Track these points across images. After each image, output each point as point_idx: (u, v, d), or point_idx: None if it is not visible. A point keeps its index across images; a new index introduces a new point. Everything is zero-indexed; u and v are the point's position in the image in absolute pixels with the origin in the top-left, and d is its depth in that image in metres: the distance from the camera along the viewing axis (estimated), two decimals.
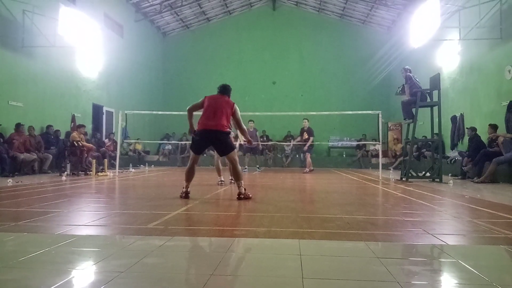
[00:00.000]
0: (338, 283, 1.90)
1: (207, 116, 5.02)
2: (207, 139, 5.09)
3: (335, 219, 3.63)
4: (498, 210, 4.19)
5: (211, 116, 5.00)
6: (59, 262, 2.16)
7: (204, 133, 5.03)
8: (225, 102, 5.15)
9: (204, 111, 5.08)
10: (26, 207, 4.14)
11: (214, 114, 5.00)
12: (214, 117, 4.99)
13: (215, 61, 19.75)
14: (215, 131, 4.98)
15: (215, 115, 5.00)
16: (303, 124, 12.37)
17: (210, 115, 5.01)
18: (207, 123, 4.99)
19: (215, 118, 4.98)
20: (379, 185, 7.69)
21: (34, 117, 10.70)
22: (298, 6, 19.97)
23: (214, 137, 5.03)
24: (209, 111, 5.04)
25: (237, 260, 2.31)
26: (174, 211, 3.91)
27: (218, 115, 5.00)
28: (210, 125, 4.97)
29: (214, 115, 5.00)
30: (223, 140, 5.06)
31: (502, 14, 9.47)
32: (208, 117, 5.01)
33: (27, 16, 10.28)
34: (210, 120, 4.99)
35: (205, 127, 5.01)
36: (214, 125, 4.97)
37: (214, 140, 5.09)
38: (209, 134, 5.02)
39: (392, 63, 17.57)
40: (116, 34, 15.54)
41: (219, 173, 7.28)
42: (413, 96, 8.32)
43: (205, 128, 5.01)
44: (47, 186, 6.79)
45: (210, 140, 5.11)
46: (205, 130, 5.01)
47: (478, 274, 1.98)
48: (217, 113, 5.01)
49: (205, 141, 5.12)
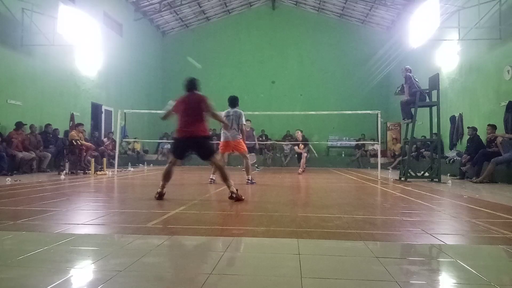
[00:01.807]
0: (337, 282, 1.90)
1: (184, 123, 4.86)
2: (187, 146, 5.00)
3: (333, 218, 3.63)
4: (496, 210, 4.20)
5: (188, 121, 4.84)
6: (58, 261, 2.16)
7: (183, 141, 4.94)
8: (197, 101, 4.94)
9: (179, 117, 4.92)
10: (25, 206, 4.14)
11: (190, 118, 4.86)
12: (191, 122, 4.83)
13: (214, 60, 19.73)
14: (194, 138, 4.85)
15: (191, 119, 4.85)
16: (296, 135, 12.31)
17: (187, 121, 4.85)
18: (185, 129, 4.85)
19: (192, 123, 4.83)
20: (377, 185, 7.69)
21: (33, 115, 10.68)
22: (297, 5, 19.96)
23: (193, 143, 4.90)
24: (184, 116, 4.89)
25: (235, 259, 2.31)
26: (173, 210, 3.91)
27: (193, 119, 4.86)
28: (189, 132, 4.83)
29: (190, 119, 4.85)
30: (202, 144, 4.93)
31: (501, 14, 9.48)
32: (185, 123, 4.85)
33: (26, 15, 10.26)
34: (187, 127, 4.84)
35: (183, 134, 4.88)
36: (192, 131, 4.82)
37: (194, 146, 4.96)
38: (188, 141, 4.91)
39: (391, 63, 17.57)
40: (116, 33, 15.51)
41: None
42: (412, 96, 8.33)
43: (184, 136, 4.89)
44: (45, 185, 6.78)
45: (190, 147, 5.01)
46: (184, 138, 4.89)
47: (477, 274, 1.98)
48: (192, 116, 4.87)
49: (185, 147, 5.04)
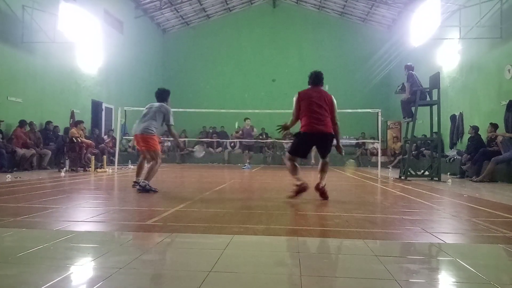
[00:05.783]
0: (336, 281, 1.90)
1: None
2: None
3: (333, 217, 3.64)
4: (496, 209, 4.20)
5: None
6: (58, 258, 2.16)
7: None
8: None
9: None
10: (25, 203, 4.14)
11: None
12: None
13: (215, 58, 19.72)
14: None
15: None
16: None
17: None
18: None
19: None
20: (378, 184, 7.70)
21: (33, 113, 10.67)
22: (298, 3, 19.92)
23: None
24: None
25: (235, 257, 2.31)
26: (172, 208, 3.91)
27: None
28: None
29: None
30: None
31: (502, 13, 9.47)
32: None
33: (26, 12, 10.25)
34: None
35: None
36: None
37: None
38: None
39: (392, 62, 17.55)
40: (116, 31, 15.49)
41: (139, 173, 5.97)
42: (413, 95, 8.32)
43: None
44: (46, 182, 6.78)
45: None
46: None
47: (476, 273, 1.98)
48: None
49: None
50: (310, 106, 4.55)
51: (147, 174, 5.39)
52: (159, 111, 5.54)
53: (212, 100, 18.09)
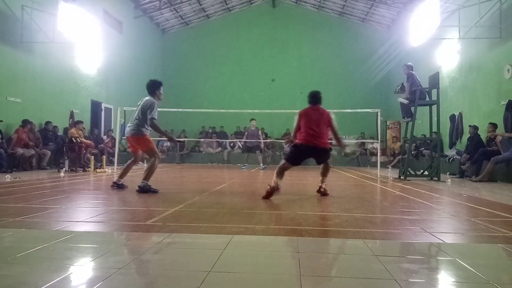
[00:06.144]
0: (336, 281, 1.90)
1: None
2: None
3: (333, 217, 3.64)
4: (496, 209, 4.20)
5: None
6: (57, 258, 2.16)
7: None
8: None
9: None
10: (24, 203, 4.14)
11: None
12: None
13: (215, 58, 19.72)
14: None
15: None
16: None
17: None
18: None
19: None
20: (377, 183, 7.70)
21: (32, 113, 10.67)
22: (298, 3, 19.93)
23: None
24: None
25: (235, 257, 2.31)
26: (172, 208, 3.91)
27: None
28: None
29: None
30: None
31: (501, 13, 9.47)
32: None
33: (26, 12, 10.24)
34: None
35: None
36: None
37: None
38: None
39: (391, 62, 17.57)
40: (115, 31, 15.48)
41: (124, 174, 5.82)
42: (412, 95, 8.32)
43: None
44: (45, 182, 6.78)
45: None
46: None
47: (476, 273, 1.98)
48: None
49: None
50: (308, 124, 5.12)
51: (146, 174, 5.27)
52: (142, 106, 5.35)
53: (212, 100, 18.10)
